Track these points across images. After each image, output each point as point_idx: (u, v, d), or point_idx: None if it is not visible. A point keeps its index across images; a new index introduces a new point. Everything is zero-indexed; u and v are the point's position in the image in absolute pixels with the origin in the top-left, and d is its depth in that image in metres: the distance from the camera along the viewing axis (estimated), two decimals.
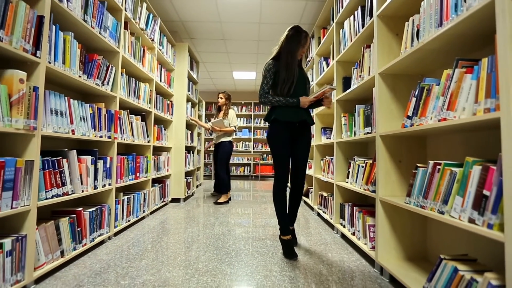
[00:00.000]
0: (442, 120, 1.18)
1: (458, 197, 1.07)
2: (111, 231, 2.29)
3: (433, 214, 1.19)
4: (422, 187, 1.30)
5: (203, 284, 1.52)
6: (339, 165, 2.57)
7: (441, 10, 1.23)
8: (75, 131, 1.83)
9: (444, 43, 1.25)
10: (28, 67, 1.44)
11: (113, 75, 2.32)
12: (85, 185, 1.94)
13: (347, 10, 2.46)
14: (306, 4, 3.76)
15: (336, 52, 2.70)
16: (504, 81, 0.86)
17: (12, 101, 1.32)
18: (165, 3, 3.78)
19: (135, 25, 2.74)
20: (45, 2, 1.51)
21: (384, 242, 1.68)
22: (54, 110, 1.64)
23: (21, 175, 1.37)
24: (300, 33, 2.01)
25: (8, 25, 1.29)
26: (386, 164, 1.71)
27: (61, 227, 1.72)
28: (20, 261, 1.38)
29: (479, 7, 0.97)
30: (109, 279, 1.57)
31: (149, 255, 1.94)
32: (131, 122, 2.69)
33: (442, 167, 1.18)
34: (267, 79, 2.00)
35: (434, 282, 1.20)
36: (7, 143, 1.41)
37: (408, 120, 1.43)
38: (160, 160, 3.56)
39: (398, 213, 1.67)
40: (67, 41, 1.75)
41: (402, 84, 1.71)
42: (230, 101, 4.20)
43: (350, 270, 1.75)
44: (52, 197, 1.62)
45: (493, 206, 0.91)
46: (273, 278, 1.61)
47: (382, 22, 1.78)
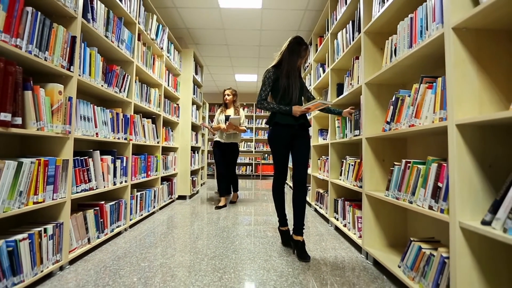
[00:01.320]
0: (411, 126, 1.42)
1: (422, 189, 1.32)
2: (127, 223, 2.55)
3: (405, 204, 1.44)
4: (397, 182, 1.55)
5: (212, 266, 1.78)
6: (333, 164, 2.81)
7: (411, 34, 1.47)
8: (99, 134, 2.08)
9: (414, 61, 1.49)
10: (64, 80, 1.70)
11: (129, 83, 2.58)
12: (106, 182, 2.20)
13: (340, 23, 2.71)
14: (305, 13, 4.00)
15: (331, 60, 2.95)
16: (450, 97, 1.11)
17: (53, 110, 1.57)
18: (173, 13, 4.03)
19: (146, 36, 2.99)
20: (77, 24, 1.76)
21: (369, 231, 1.93)
22: (82, 116, 1.90)
23: (59, 172, 1.63)
24: (301, 45, 2.10)
25: (51, 47, 1.55)
26: (371, 162, 1.95)
27: (88, 217, 1.98)
28: (59, 244, 1.63)
29: (434, 37, 1.21)
30: (131, 262, 1.82)
31: (163, 244, 2.19)
32: (143, 125, 2.95)
33: (411, 165, 1.42)
34: (265, 86, 2.12)
35: (406, 260, 1.45)
36: (48, 145, 1.67)
37: (387, 124, 1.68)
38: (168, 160, 3.82)
39: (381, 205, 1.92)
40: (92, 55, 2.01)
41: (385, 92, 1.96)
42: (237, 98, 3.96)
43: (340, 256, 1.99)
44: (81, 191, 1.88)
45: (444, 195, 1.16)
46: (272, 262, 1.86)
47: (368, 38, 2.02)
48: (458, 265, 1.05)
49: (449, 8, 1.13)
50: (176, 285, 1.50)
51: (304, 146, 2.14)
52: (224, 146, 3.72)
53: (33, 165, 1.43)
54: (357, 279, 1.62)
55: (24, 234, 1.40)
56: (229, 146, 3.72)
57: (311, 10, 3.91)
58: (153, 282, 1.55)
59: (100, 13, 2.08)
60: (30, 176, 1.41)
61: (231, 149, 3.73)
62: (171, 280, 1.57)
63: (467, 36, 1.11)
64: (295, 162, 2.14)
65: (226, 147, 3.72)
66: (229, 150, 3.73)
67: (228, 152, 3.73)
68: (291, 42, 2.12)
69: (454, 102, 1.10)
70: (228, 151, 3.73)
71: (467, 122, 1.04)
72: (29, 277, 1.40)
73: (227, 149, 3.72)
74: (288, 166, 2.29)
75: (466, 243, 1.05)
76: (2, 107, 1.23)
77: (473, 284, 1.03)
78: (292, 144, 2.14)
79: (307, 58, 2.16)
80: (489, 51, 1.10)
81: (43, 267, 1.51)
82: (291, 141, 2.13)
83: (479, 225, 0.98)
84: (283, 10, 3.96)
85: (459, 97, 1.10)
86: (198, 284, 1.53)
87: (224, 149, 3.73)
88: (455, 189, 1.07)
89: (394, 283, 1.57)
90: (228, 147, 3.72)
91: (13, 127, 1.30)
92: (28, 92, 1.40)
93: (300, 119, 2.10)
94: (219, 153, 3.74)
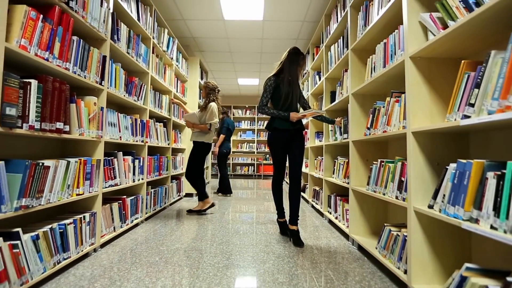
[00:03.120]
0: (384, 132, 1.74)
1: (391, 183, 1.64)
2: (143, 216, 2.87)
3: (380, 195, 1.75)
4: (375, 178, 1.86)
5: (221, 249, 2.10)
6: (327, 164, 3.13)
7: (384, 56, 1.79)
8: (122, 137, 2.42)
9: (387, 78, 1.81)
10: (96, 92, 2.03)
11: (144, 92, 2.91)
12: (127, 179, 2.53)
13: (333, 37, 3.03)
14: (303, 24, 4.32)
15: (325, 70, 3.27)
16: (408, 110, 1.42)
17: (90, 118, 1.90)
18: (181, 24, 4.37)
19: (159, 48, 3.33)
20: (107, 45, 2.10)
21: (355, 221, 2.24)
22: (109, 123, 2.23)
23: (94, 169, 1.96)
24: (299, 56, 2.34)
25: (89, 66, 1.88)
26: (356, 162, 2.27)
27: (113, 209, 2.30)
28: (93, 230, 1.96)
29: (399, 62, 1.53)
30: (151, 246, 2.15)
31: (176, 233, 2.52)
32: (156, 129, 3.28)
33: (384, 164, 1.74)
34: (266, 92, 2.32)
35: (380, 242, 1.77)
36: (84, 147, 2.00)
37: (368, 130, 1.99)
38: (177, 160, 4.15)
39: (364, 198, 2.23)
40: (117, 70, 2.34)
41: (368, 102, 2.27)
42: (214, 92, 3.41)
43: (331, 243, 2.31)
44: (108, 186, 2.21)
45: (405, 187, 1.48)
46: (271, 247, 2.18)
47: (355, 54, 2.34)
48: (413, 240, 1.37)
49: (408, 41, 1.45)
50: (191, 263, 1.83)
51: (299, 148, 2.38)
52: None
53: (77, 164, 1.76)
54: (342, 260, 1.94)
55: (70, 219, 1.73)
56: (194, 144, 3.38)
57: (308, 21, 4.23)
58: (172, 260, 1.87)
59: (123, 33, 2.41)
60: (74, 172, 1.74)
61: (193, 147, 3.37)
62: (187, 259, 1.90)
63: (421, 63, 1.43)
64: (291, 162, 2.39)
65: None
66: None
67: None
68: (290, 52, 2.34)
69: (411, 114, 1.42)
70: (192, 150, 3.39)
71: (420, 130, 1.36)
72: (74, 254, 1.73)
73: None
74: (285, 165, 2.57)
75: (418, 223, 1.36)
76: (57, 118, 1.56)
77: (423, 253, 1.35)
78: (289, 146, 2.37)
79: (304, 66, 2.42)
80: (438, 75, 1.42)
81: (83, 247, 1.83)
82: (288, 143, 2.36)
83: (426, 208, 1.29)
84: (282, 22, 4.28)
85: (415, 110, 1.41)
86: (209, 262, 1.85)
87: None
88: (411, 182, 1.39)
89: (372, 262, 1.88)
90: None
91: (64, 133, 1.63)
92: (73, 104, 1.73)
93: (296, 124, 2.34)
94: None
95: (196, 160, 3.34)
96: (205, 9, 3.93)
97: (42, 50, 1.47)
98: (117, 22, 2.32)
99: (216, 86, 3.46)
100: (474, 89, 1.03)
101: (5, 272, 1.25)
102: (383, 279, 1.64)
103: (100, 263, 1.81)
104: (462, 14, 1.16)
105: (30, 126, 1.37)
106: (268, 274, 1.68)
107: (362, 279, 1.63)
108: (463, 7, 1.16)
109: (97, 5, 1.97)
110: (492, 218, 0.94)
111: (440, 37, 1.22)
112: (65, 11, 1.64)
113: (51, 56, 1.53)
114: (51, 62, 1.53)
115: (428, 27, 1.38)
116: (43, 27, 1.46)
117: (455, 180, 1.12)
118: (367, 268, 1.79)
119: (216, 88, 3.46)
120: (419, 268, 1.35)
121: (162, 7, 3.78)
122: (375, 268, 1.79)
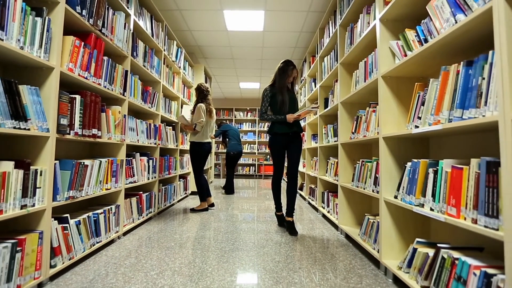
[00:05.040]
0: (364, 136, 2.07)
1: (369, 179, 1.97)
2: (156, 210, 3.21)
3: (361, 190, 2.08)
4: (358, 175, 2.19)
5: (226, 237, 2.43)
6: (321, 163, 3.46)
7: (365, 72, 2.12)
8: (139, 140, 2.75)
9: (367, 91, 2.14)
10: (120, 102, 2.37)
11: (157, 99, 3.25)
12: (143, 177, 2.86)
13: (326, 50, 3.36)
14: (300, 34, 4.66)
15: (320, 79, 3.60)
16: (380, 119, 1.76)
17: (116, 124, 2.24)
18: (187, 34, 4.71)
19: (169, 59, 3.67)
20: (128, 61, 2.44)
21: (343, 213, 2.57)
22: (130, 128, 2.57)
23: (118, 168, 2.30)
24: (288, 66, 2.64)
25: (115, 80, 2.22)
26: (344, 162, 2.60)
27: (132, 203, 2.64)
28: (117, 220, 2.30)
29: (373, 80, 1.86)
30: (166, 235, 2.48)
31: (186, 225, 2.85)
32: (166, 132, 3.62)
33: (365, 163, 2.07)
34: (264, 101, 2.66)
35: (362, 229, 2.10)
36: (110, 149, 2.34)
37: (352, 134, 2.33)
38: (184, 160, 4.49)
39: (351, 193, 2.56)
40: (135, 81, 2.68)
41: (354, 109, 2.60)
42: (204, 95, 3.49)
43: (322, 233, 2.64)
44: (128, 183, 2.54)
45: (378, 182, 1.81)
46: (270, 235, 2.51)
47: (343, 67, 2.67)
48: (383, 225, 1.70)
49: (380, 62, 1.78)
50: (202, 247, 2.16)
51: (296, 150, 2.68)
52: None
53: (106, 163, 2.09)
54: (330, 246, 2.27)
55: (101, 210, 2.07)
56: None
57: (305, 32, 4.57)
58: (185, 245, 2.21)
59: (140, 49, 2.75)
60: (104, 170, 2.08)
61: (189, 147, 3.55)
62: (198, 244, 2.23)
63: (390, 81, 1.76)
64: (289, 162, 2.70)
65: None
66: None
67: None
68: (280, 66, 2.66)
69: (382, 123, 1.75)
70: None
71: (388, 135, 1.69)
72: (104, 239, 2.07)
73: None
74: (284, 165, 2.83)
75: (387, 210, 1.69)
76: (93, 125, 1.90)
77: (391, 235, 1.68)
78: (288, 147, 2.68)
79: (296, 75, 2.65)
80: (404, 91, 1.75)
81: (110, 234, 2.17)
82: (287, 145, 2.67)
83: (393, 199, 1.62)
84: (281, 32, 4.62)
85: (385, 119, 1.74)
86: (217, 246, 2.18)
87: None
88: (382, 178, 1.72)
89: (355, 247, 2.21)
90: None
91: (97, 138, 1.96)
92: (103, 113, 2.06)
93: (293, 127, 2.62)
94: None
95: (192, 160, 3.51)
96: (210, 21, 4.27)
97: (83, 70, 1.81)
98: (136, 39, 2.66)
99: (205, 88, 3.53)
100: (421, 106, 1.36)
101: (59, 248, 1.59)
102: (362, 259, 1.97)
103: (125, 247, 2.15)
104: (416, 46, 1.50)
105: (76, 133, 1.71)
106: (267, 255, 2.01)
107: (345, 259, 1.96)
108: (417, 40, 1.49)
109: (122, 28, 2.31)
110: (431, 203, 1.27)
111: (402, 62, 1.55)
112: (99, 37, 1.98)
113: (89, 75, 1.87)
114: (88, 79, 1.87)
115: (395, 53, 1.71)
116: (84, 52, 1.81)
117: (410, 175, 1.45)
118: (351, 252, 2.12)
119: (205, 90, 3.51)
120: (388, 247, 1.68)
121: (171, 20, 4.12)
122: (357, 251, 2.12)
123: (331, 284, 1.57)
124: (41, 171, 1.46)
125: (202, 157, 3.51)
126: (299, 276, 1.67)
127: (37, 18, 1.43)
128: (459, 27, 1.10)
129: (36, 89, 1.43)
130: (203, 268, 1.76)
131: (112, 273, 1.68)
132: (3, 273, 1.21)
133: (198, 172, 3.52)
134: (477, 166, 1.02)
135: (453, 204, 1.13)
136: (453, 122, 1.13)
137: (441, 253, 1.19)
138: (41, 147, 1.50)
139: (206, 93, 3.52)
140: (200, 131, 3.43)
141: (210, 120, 3.55)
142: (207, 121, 3.47)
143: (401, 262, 1.49)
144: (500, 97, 0.89)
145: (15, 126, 1.29)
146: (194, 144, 3.47)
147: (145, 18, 2.94)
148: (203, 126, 3.43)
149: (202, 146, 3.48)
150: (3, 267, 1.22)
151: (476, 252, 1.14)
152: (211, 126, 3.63)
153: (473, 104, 1.04)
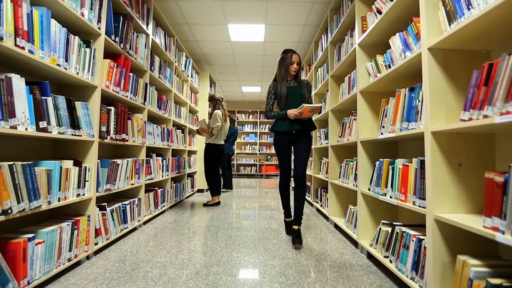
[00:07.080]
0: (347, 140, 2.47)
1: (351, 175, 2.36)
2: (168, 205, 3.61)
3: (345, 185, 2.48)
4: (343, 172, 2.59)
5: (232, 226, 2.83)
6: (315, 163, 3.86)
7: (348, 86, 2.52)
8: (155, 143, 3.16)
9: (351, 102, 2.52)
10: (141, 110, 2.77)
11: (169, 105, 3.66)
12: (159, 175, 3.27)
13: (320, 62, 3.76)
14: (298, 44, 5.06)
15: (314, 86, 4.00)
16: (358, 126, 2.16)
17: (138, 130, 2.65)
18: (193, 44, 5.12)
19: (179, 69, 4.08)
20: (147, 75, 2.85)
21: (332, 206, 2.97)
22: (148, 132, 2.97)
23: (140, 167, 2.70)
24: (286, 53, 2.39)
25: (138, 92, 2.63)
26: (333, 161, 2.99)
27: (150, 197, 3.05)
28: (139, 211, 2.71)
29: (353, 94, 2.26)
30: (179, 224, 2.89)
31: (196, 217, 3.26)
32: (177, 135, 4.03)
33: (348, 162, 2.47)
34: (268, 99, 2.42)
35: (346, 218, 2.50)
36: (133, 151, 2.74)
37: (339, 138, 2.72)
38: (191, 160, 4.89)
39: (338, 188, 2.95)
40: (152, 91, 3.09)
41: (342, 116, 2.98)
42: (218, 102, 3.94)
43: (315, 223, 3.03)
44: (147, 180, 2.95)
45: (357, 178, 2.20)
46: (270, 225, 2.91)
47: (332, 79, 3.07)
48: (360, 212, 2.09)
49: (358, 79, 2.18)
50: (212, 233, 2.56)
51: (302, 149, 2.35)
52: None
53: (131, 162, 2.50)
54: (320, 232, 2.67)
55: (127, 201, 2.47)
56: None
57: (303, 42, 4.97)
58: (197, 232, 2.61)
59: (156, 63, 3.17)
60: (130, 168, 2.48)
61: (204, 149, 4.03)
62: (208, 231, 2.63)
63: (366, 95, 2.15)
64: (295, 162, 2.40)
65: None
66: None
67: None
68: (279, 60, 2.46)
69: (359, 129, 2.15)
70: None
71: (365, 140, 2.08)
72: (129, 226, 2.48)
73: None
74: (291, 165, 2.55)
75: (363, 200, 2.09)
76: (123, 131, 2.31)
77: (366, 220, 2.08)
78: (293, 146, 2.41)
79: (299, 60, 2.45)
80: (377, 103, 2.14)
81: (133, 223, 2.58)
82: (291, 144, 2.40)
83: (367, 191, 2.02)
84: (281, 42, 5.02)
85: (362, 126, 2.14)
86: (225, 233, 2.58)
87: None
88: (359, 174, 2.11)
89: (341, 233, 2.61)
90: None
91: (125, 141, 2.37)
92: (129, 120, 2.47)
93: (295, 125, 2.30)
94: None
95: (205, 160, 3.90)
96: (215, 33, 4.68)
97: (116, 86, 2.21)
98: (153, 55, 3.07)
99: (219, 97, 3.98)
100: (385, 117, 1.76)
101: (100, 229, 1.99)
102: (345, 242, 2.36)
103: (147, 233, 2.55)
104: (384, 70, 1.89)
105: (111, 138, 2.12)
106: (266, 239, 2.41)
107: (331, 242, 2.35)
108: (385, 65, 1.89)
109: (143, 48, 2.72)
110: (391, 192, 1.66)
111: (374, 81, 1.95)
112: (127, 57, 2.39)
113: (119, 89, 2.28)
114: (119, 93, 2.28)
115: (369, 72, 2.11)
116: (116, 71, 2.21)
117: (378, 171, 1.85)
118: (337, 237, 2.52)
119: (220, 99, 3.97)
120: (363, 230, 2.08)
121: (181, 33, 4.52)
122: (342, 236, 2.52)
123: (316, 257, 1.97)
124: (89, 168, 1.87)
125: (216, 157, 3.94)
126: (291, 253, 2.07)
127: (86, 48, 1.84)
128: (407, 61, 1.50)
129: (86, 104, 1.84)
130: (214, 248, 2.16)
131: (140, 250, 2.08)
132: (67, 244, 1.62)
133: (210, 171, 3.92)
134: (416, 164, 1.41)
135: (402, 192, 1.52)
136: (402, 131, 1.53)
137: (395, 229, 1.59)
138: (88, 149, 1.90)
139: (221, 101, 3.97)
140: (215, 134, 3.85)
141: (225, 125, 3.99)
142: (222, 125, 3.89)
143: (372, 240, 1.89)
144: (424, 116, 1.29)
145: (73, 133, 1.70)
146: (209, 145, 3.89)
147: (160, 35, 3.35)
148: (219, 130, 3.85)
149: (217, 147, 3.90)
150: (67, 239, 1.62)
151: (419, 228, 1.54)
152: (225, 130, 4.05)
153: (414, 119, 1.44)
